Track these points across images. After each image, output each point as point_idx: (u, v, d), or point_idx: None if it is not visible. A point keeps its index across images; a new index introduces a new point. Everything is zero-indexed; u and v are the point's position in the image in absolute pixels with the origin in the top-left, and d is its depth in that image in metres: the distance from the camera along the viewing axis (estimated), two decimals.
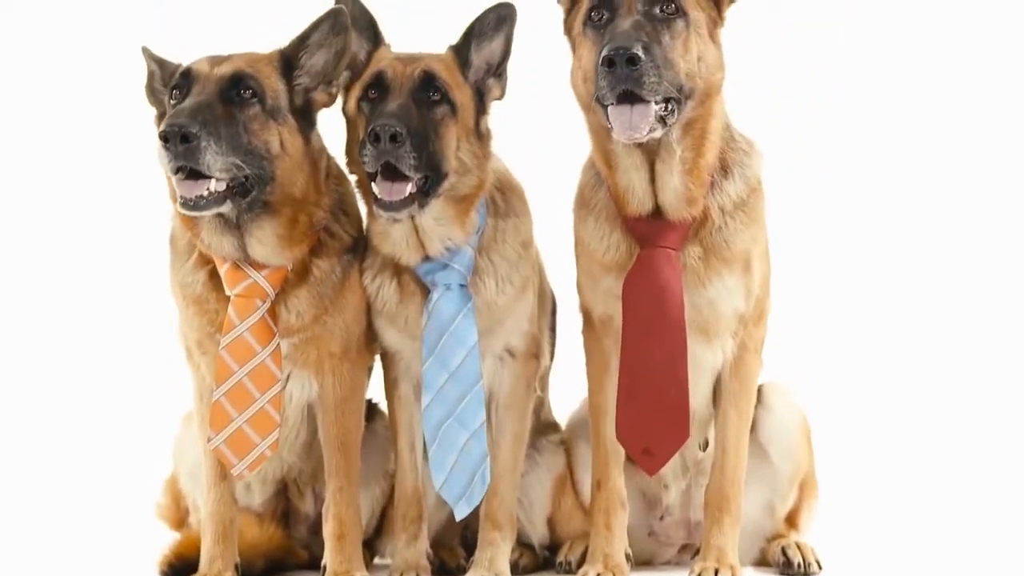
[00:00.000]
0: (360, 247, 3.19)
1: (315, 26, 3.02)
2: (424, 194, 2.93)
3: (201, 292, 3.08)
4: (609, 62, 2.67)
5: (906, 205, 5.53)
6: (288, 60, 3.01)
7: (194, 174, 2.77)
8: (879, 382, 4.98)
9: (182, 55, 3.08)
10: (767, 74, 5.07)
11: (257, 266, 2.99)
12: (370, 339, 3.25)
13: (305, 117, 3.02)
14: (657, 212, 2.94)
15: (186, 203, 2.79)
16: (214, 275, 3.06)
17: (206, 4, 5.52)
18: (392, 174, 2.88)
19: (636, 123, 2.72)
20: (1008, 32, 5.50)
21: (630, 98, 2.71)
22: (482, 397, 3.11)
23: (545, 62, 3.23)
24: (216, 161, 2.76)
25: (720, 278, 2.98)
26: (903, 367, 5.07)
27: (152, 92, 3.11)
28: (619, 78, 2.67)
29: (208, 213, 2.85)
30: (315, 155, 3.04)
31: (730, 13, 2.98)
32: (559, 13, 3.07)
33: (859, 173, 5.55)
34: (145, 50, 3.12)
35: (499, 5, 3.09)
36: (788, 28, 5.28)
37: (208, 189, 2.78)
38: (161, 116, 3.05)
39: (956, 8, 5.52)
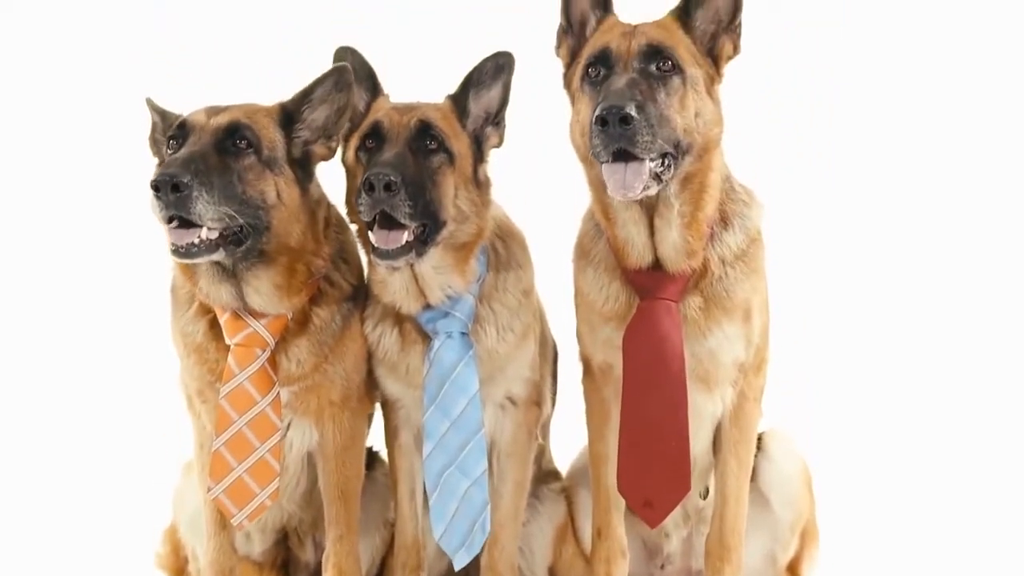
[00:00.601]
0: (360, 295, 3.20)
1: (319, 82, 3.04)
2: (422, 242, 2.94)
3: (202, 341, 3.08)
4: (602, 121, 2.67)
5: (906, 207, 5.51)
6: (289, 113, 3.02)
7: (186, 222, 2.78)
8: (880, 428, 4.94)
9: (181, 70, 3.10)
10: (767, 74, 5.03)
11: (257, 315, 2.99)
12: (370, 387, 3.25)
13: (303, 168, 3.03)
14: (657, 264, 2.94)
15: (177, 250, 2.79)
16: (215, 324, 3.06)
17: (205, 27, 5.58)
18: (388, 223, 2.88)
19: (630, 182, 2.72)
20: (1008, 32, 5.49)
21: (624, 156, 2.72)
22: (484, 445, 3.10)
23: (548, 108, 3.23)
24: (208, 210, 2.76)
25: (720, 328, 2.98)
26: (905, 412, 5.02)
27: (154, 143, 3.13)
28: (612, 137, 2.68)
29: (200, 260, 2.85)
30: (313, 205, 3.04)
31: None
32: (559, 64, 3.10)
33: (859, 173, 5.53)
34: (149, 101, 3.14)
35: (497, 54, 3.11)
36: (788, 28, 5.26)
37: (199, 237, 2.78)
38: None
39: (956, 8, 5.51)
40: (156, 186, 2.71)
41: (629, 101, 2.68)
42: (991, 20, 5.50)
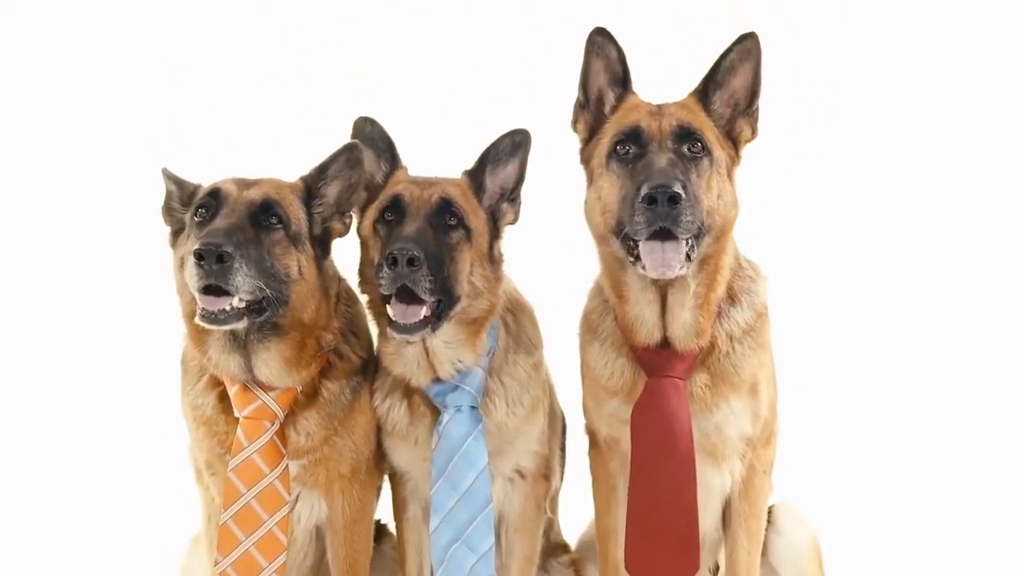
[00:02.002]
0: (370, 369, 3.21)
1: (333, 159, 3.10)
2: (436, 317, 2.95)
3: (211, 414, 3.09)
4: (651, 199, 2.67)
5: (908, 210, 5.46)
6: (309, 189, 3.08)
7: (218, 290, 2.81)
8: (891, 501, 4.86)
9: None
10: (767, 74, 5.12)
11: (266, 388, 3.01)
12: (379, 460, 3.26)
13: (322, 245, 3.08)
14: (664, 342, 2.95)
15: (208, 316, 2.82)
16: (224, 397, 3.08)
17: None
18: (408, 297, 2.89)
19: (669, 260, 2.73)
20: (1008, 32, 5.48)
21: (662, 235, 2.72)
22: (491, 520, 3.09)
23: (557, 181, 3.26)
24: (245, 283, 2.80)
25: (727, 403, 2.98)
26: (916, 484, 4.91)
27: (169, 211, 3.14)
28: (659, 216, 2.68)
29: (227, 327, 2.87)
30: (327, 282, 3.08)
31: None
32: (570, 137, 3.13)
33: (859, 174, 5.49)
34: (164, 171, 3.16)
35: (514, 131, 3.15)
36: (788, 28, 5.24)
37: (231, 304, 2.82)
38: (176, 234, 3.10)
39: (956, 8, 5.52)
40: (201, 255, 2.75)
41: (675, 180, 2.70)
42: (991, 20, 5.50)
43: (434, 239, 2.95)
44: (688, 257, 2.77)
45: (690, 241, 2.77)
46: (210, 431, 3.10)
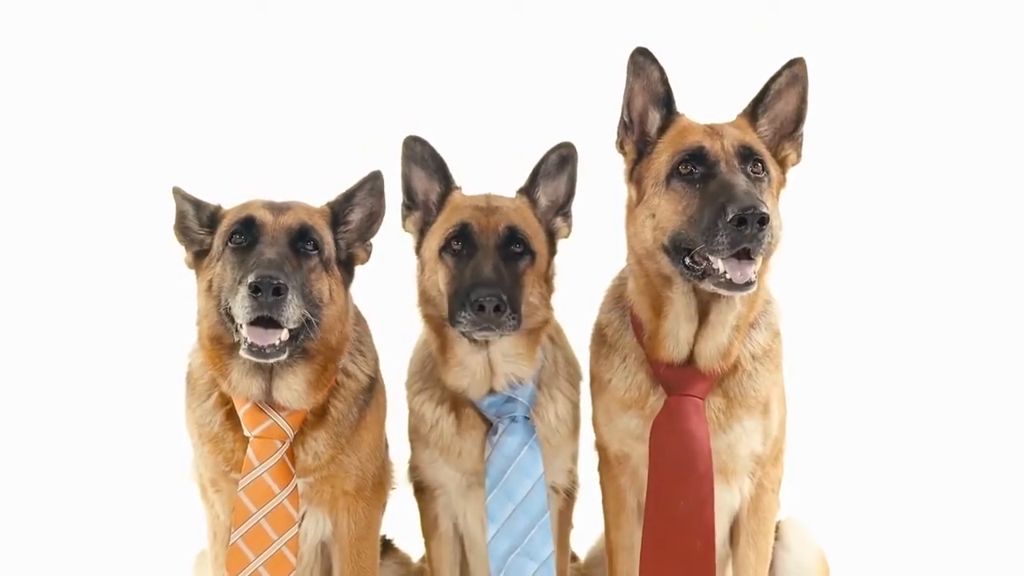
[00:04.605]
0: (376, 387, 3.20)
1: (359, 186, 3.13)
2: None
3: (218, 431, 3.07)
4: (740, 221, 2.64)
5: (911, 221, 5.48)
6: (335, 214, 3.10)
7: (267, 321, 2.80)
8: (898, 517, 4.83)
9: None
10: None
11: (278, 407, 3.00)
12: (385, 477, 3.26)
13: (347, 271, 3.11)
14: (689, 360, 2.95)
15: (256, 350, 2.81)
16: (232, 414, 3.06)
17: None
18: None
19: (747, 271, 2.71)
20: (1007, 32, 5.50)
21: (740, 254, 2.71)
22: (549, 527, 3.11)
23: None
24: (295, 313, 2.82)
25: (740, 422, 2.99)
26: (922, 499, 4.91)
27: (183, 231, 3.10)
28: (746, 237, 2.66)
29: (273, 361, 2.87)
30: (348, 304, 3.11)
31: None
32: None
33: (859, 174, 5.48)
34: (177, 190, 3.12)
35: (560, 145, 3.18)
36: (788, 28, 5.25)
37: (279, 339, 2.82)
38: (196, 255, 3.07)
39: (956, 8, 5.53)
40: (258, 288, 2.75)
41: (760, 202, 2.67)
42: (991, 20, 5.51)
43: (506, 271, 2.98)
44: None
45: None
46: (216, 448, 3.08)
